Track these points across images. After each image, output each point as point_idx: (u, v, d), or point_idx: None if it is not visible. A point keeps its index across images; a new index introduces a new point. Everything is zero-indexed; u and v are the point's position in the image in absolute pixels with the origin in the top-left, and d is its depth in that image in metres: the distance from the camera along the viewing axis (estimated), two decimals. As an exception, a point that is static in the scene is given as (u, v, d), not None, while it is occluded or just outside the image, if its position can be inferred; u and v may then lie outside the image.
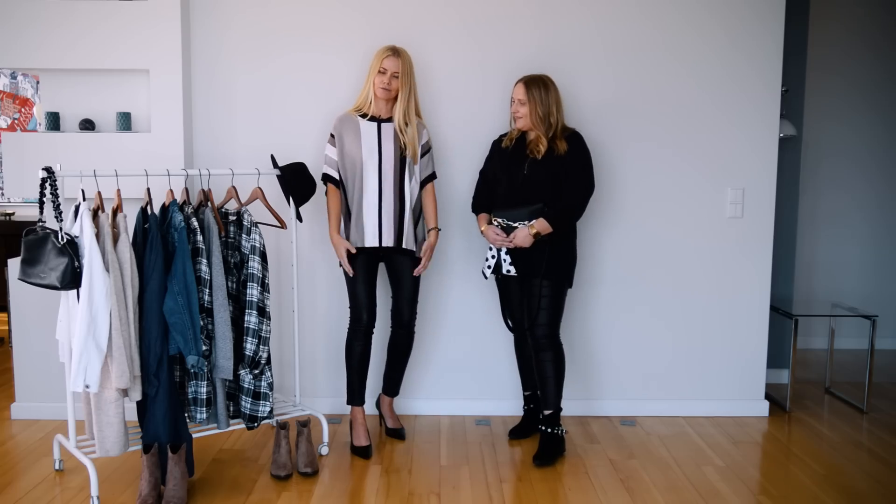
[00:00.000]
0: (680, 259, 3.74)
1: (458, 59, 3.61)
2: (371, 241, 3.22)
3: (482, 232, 3.30)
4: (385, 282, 3.52)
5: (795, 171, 4.26)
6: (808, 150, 5.03)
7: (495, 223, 3.20)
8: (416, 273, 3.32)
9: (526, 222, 3.13)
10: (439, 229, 3.40)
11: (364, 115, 3.27)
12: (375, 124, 3.25)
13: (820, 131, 5.12)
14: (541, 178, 3.16)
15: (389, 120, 3.27)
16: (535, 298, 3.18)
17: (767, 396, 3.89)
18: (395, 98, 3.25)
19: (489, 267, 3.27)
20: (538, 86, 3.16)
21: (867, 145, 5.17)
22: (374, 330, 3.36)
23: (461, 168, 3.63)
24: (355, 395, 3.35)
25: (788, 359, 3.97)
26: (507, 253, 3.20)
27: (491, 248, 3.25)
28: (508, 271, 3.21)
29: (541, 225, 3.11)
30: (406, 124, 3.24)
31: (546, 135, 3.17)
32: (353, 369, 3.33)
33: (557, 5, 3.60)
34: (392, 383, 3.51)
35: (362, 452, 3.25)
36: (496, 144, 3.39)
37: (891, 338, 5.30)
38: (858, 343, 5.06)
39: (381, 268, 3.46)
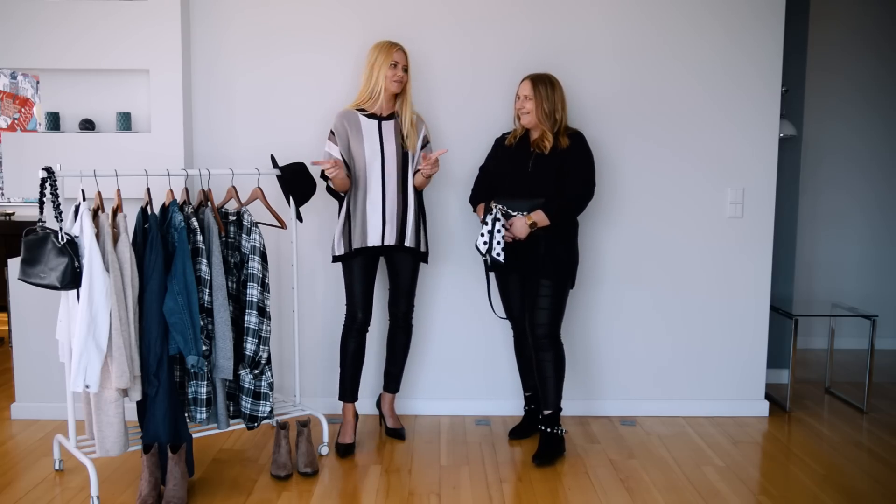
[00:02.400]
0: (680, 259, 3.74)
1: (459, 57, 3.61)
2: (374, 240, 3.22)
3: (482, 221, 3.25)
4: (382, 276, 3.52)
5: (795, 171, 4.26)
6: (808, 150, 5.03)
7: (494, 209, 3.15)
8: (421, 169, 3.21)
9: (525, 213, 3.13)
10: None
11: (363, 112, 3.26)
12: (376, 122, 3.25)
13: (820, 131, 5.12)
14: (545, 174, 3.16)
15: (389, 118, 3.27)
16: (538, 298, 3.18)
17: (767, 396, 3.89)
18: (397, 93, 3.26)
19: (485, 243, 3.12)
20: (544, 83, 3.19)
21: (867, 145, 5.17)
22: (370, 328, 3.36)
23: (460, 165, 3.63)
24: (347, 391, 3.37)
25: (788, 359, 3.97)
26: (503, 238, 3.12)
27: (487, 224, 3.13)
28: (499, 255, 3.11)
29: (538, 216, 3.10)
30: (407, 119, 3.27)
31: (551, 130, 3.18)
32: (346, 366, 3.35)
33: (558, 5, 3.60)
34: (392, 378, 3.51)
35: (343, 450, 3.26)
36: (499, 142, 3.39)
37: (891, 338, 5.30)
38: (858, 343, 5.06)
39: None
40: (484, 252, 3.14)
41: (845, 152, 5.16)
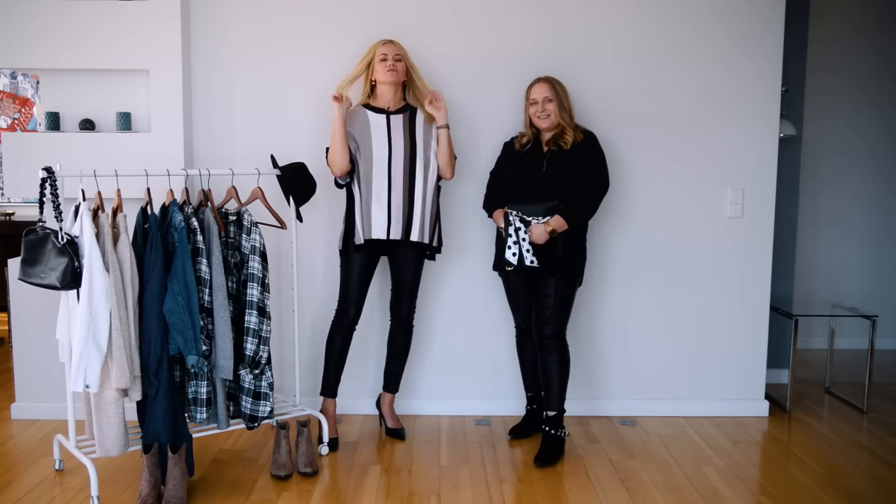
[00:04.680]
0: (680, 259, 3.74)
1: (459, 58, 3.60)
2: (379, 232, 3.22)
3: (500, 228, 3.25)
4: (384, 276, 3.52)
5: (795, 171, 4.26)
6: (808, 150, 5.03)
7: (512, 217, 3.16)
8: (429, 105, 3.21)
9: (541, 218, 3.12)
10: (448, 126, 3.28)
11: (370, 108, 3.26)
12: (384, 117, 3.24)
13: (820, 131, 5.12)
14: (560, 173, 3.16)
15: (399, 112, 3.26)
16: (547, 298, 3.17)
17: (767, 396, 3.89)
18: (402, 85, 3.26)
19: (514, 254, 3.14)
20: (558, 83, 3.24)
21: (867, 145, 5.17)
22: (372, 328, 3.36)
23: (464, 165, 3.63)
24: (330, 387, 3.39)
25: (788, 359, 3.97)
26: (529, 244, 3.13)
27: (511, 235, 3.16)
28: (532, 262, 3.13)
29: (557, 222, 3.10)
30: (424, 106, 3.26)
31: (570, 126, 3.21)
32: (330, 362, 3.37)
33: (559, 7, 3.60)
34: (392, 379, 3.52)
35: (329, 445, 3.28)
36: (508, 146, 3.39)
37: (891, 338, 5.30)
38: (858, 343, 5.05)
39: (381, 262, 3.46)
40: (516, 263, 3.14)
41: (845, 152, 5.16)
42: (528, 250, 3.13)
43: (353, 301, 3.31)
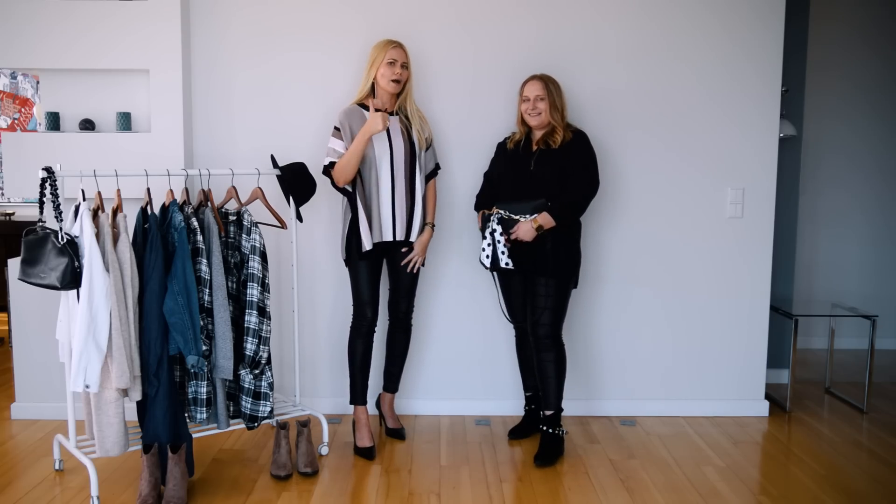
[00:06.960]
0: (680, 259, 3.74)
1: (459, 58, 3.61)
2: (386, 235, 3.23)
3: (481, 234, 3.28)
4: (382, 276, 3.52)
5: (795, 171, 4.26)
6: (808, 150, 5.03)
7: (497, 215, 3.17)
8: (409, 269, 3.32)
9: (528, 216, 3.13)
10: (434, 226, 3.39)
11: (365, 108, 3.25)
12: None
13: (820, 131, 5.12)
14: (547, 171, 3.16)
15: (394, 113, 3.27)
16: (540, 298, 3.18)
17: (767, 396, 3.89)
18: (401, 90, 3.26)
19: (487, 257, 3.17)
20: (552, 81, 3.22)
21: (867, 145, 5.17)
22: (376, 328, 3.37)
23: (461, 165, 3.63)
24: (358, 394, 3.35)
25: (788, 359, 3.97)
26: (504, 246, 3.16)
27: (486, 238, 3.18)
28: (507, 264, 3.15)
29: (544, 219, 3.10)
30: (414, 114, 3.27)
31: (560, 125, 3.20)
32: (355, 368, 3.33)
33: (558, 5, 3.60)
34: (392, 378, 3.51)
35: (366, 454, 3.24)
36: (501, 146, 3.39)
37: (891, 338, 5.30)
38: (858, 343, 5.06)
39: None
40: (489, 266, 3.17)
41: (845, 152, 5.16)
42: (503, 252, 3.14)
43: (369, 302, 3.29)
